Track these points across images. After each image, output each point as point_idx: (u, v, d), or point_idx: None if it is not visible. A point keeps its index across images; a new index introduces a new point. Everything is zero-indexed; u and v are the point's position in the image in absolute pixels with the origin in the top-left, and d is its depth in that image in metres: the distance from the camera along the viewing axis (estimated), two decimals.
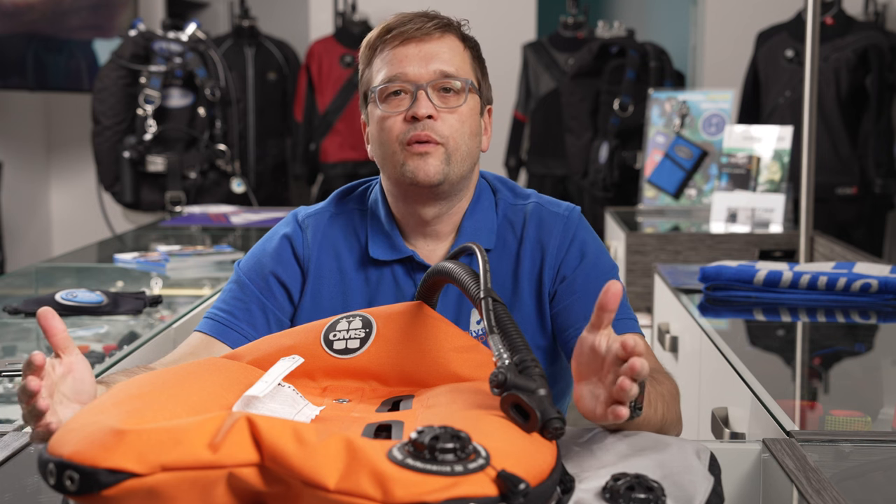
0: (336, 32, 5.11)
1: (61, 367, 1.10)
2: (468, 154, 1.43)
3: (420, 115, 1.38)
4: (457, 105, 1.41)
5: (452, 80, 1.41)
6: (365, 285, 1.47)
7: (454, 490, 0.83)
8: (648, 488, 0.96)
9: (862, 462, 1.23)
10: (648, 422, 1.19)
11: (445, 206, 1.46)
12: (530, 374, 1.00)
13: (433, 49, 1.41)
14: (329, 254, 1.48)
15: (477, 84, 1.45)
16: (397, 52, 1.41)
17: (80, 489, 0.86)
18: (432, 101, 1.40)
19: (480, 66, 1.48)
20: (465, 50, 1.44)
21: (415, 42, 1.41)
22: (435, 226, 1.47)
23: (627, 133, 4.40)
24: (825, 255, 2.92)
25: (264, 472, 0.86)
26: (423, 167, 1.39)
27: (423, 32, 1.41)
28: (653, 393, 1.21)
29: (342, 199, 1.53)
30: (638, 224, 3.61)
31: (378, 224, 1.48)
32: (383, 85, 1.41)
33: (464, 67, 1.43)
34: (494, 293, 1.12)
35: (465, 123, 1.42)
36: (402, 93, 1.41)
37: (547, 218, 1.47)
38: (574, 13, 4.91)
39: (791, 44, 4.28)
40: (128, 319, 2.03)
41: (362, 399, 1.22)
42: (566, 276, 1.44)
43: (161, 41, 4.20)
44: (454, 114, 1.41)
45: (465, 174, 1.44)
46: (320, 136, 5.02)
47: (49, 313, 1.10)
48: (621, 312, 1.41)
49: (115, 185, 4.26)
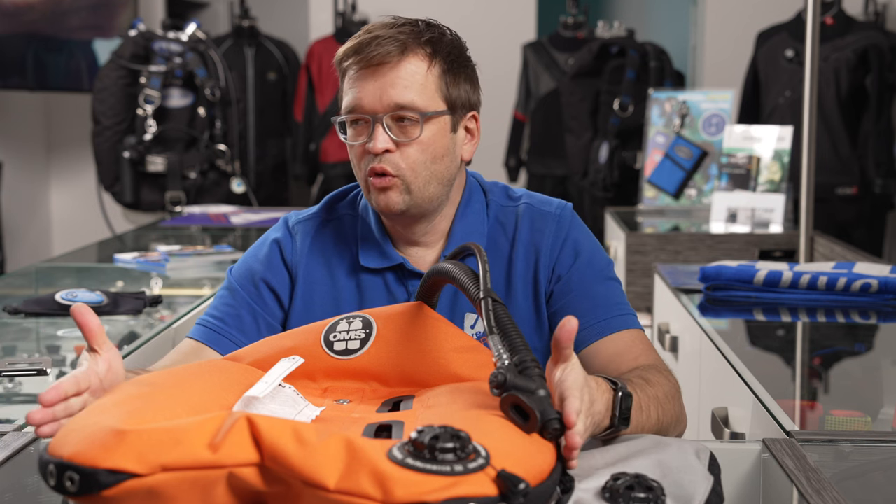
0: (336, 32, 5.11)
1: (103, 363, 1.12)
2: (432, 177, 1.40)
3: (375, 151, 1.36)
4: (415, 136, 1.37)
5: (407, 111, 1.36)
6: (357, 291, 1.46)
7: (454, 490, 0.83)
8: (648, 488, 0.96)
9: (862, 462, 1.23)
10: (641, 428, 1.19)
11: (426, 222, 1.45)
12: (530, 374, 1.00)
13: (390, 78, 1.36)
14: (319, 260, 1.48)
15: (445, 103, 1.40)
16: (357, 80, 1.38)
17: (80, 490, 0.86)
18: (389, 133, 1.37)
19: (453, 77, 1.41)
20: (429, 70, 1.38)
21: (372, 70, 1.36)
22: (422, 237, 1.47)
23: (627, 133, 4.40)
24: (825, 255, 2.92)
25: (264, 472, 0.86)
26: (385, 200, 1.39)
27: (380, 58, 1.35)
28: (644, 398, 1.21)
29: (333, 206, 1.53)
30: (638, 224, 3.61)
31: (369, 232, 1.47)
32: (344, 116, 1.40)
33: (424, 93, 1.37)
34: (494, 293, 1.12)
35: (425, 152, 1.38)
36: (363, 121, 1.39)
37: (538, 218, 1.46)
38: (574, 13, 4.91)
39: (791, 44, 4.28)
40: (128, 319, 2.03)
41: (363, 400, 1.22)
42: (561, 276, 1.43)
43: (161, 41, 4.20)
44: (412, 145, 1.37)
45: (434, 196, 1.41)
46: (320, 136, 5.02)
47: (83, 309, 1.12)
48: (618, 309, 1.41)
49: (115, 185, 4.26)
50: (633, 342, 1.39)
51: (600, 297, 1.42)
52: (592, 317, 1.39)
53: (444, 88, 1.40)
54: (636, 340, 1.40)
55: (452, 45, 1.41)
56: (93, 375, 1.09)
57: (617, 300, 1.43)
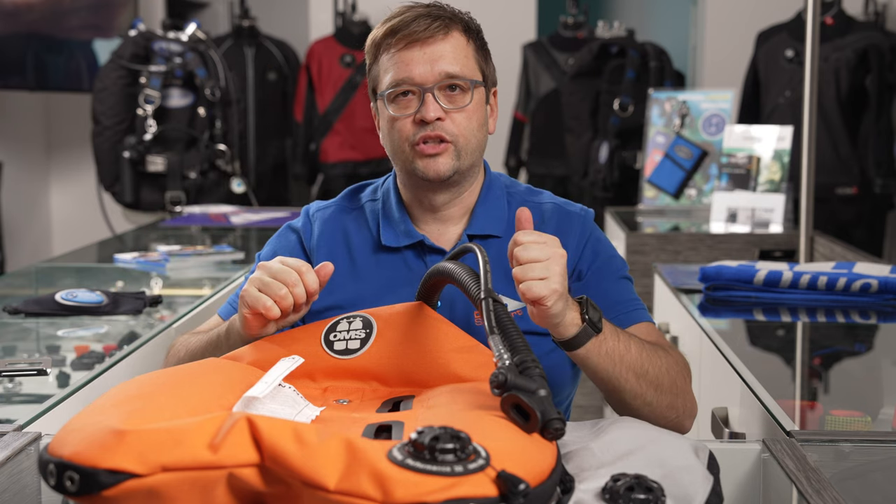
0: (336, 32, 5.11)
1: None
2: (478, 146, 1.49)
3: (429, 119, 1.43)
4: (464, 104, 1.45)
5: (458, 80, 1.44)
6: (376, 268, 1.50)
7: (454, 490, 0.83)
8: (648, 489, 0.96)
9: (862, 462, 1.23)
10: (619, 357, 1.28)
11: (455, 193, 1.51)
12: (530, 374, 1.00)
13: (438, 51, 1.43)
14: (338, 242, 1.53)
15: (482, 75, 1.49)
16: (403, 55, 1.44)
17: (80, 490, 0.86)
18: (439, 102, 1.43)
19: (484, 54, 1.50)
20: (468, 44, 1.47)
21: (419, 44, 1.43)
22: (445, 210, 1.51)
23: (627, 133, 4.40)
24: (825, 255, 2.92)
25: (264, 473, 0.86)
26: (434, 166, 1.44)
27: (428, 34, 1.43)
28: (625, 336, 1.31)
29: (355, 195, 1.60)
30: (638, 224, 3.61)
31: (389, 212, 1.53)
32: (391, 89, 1.45)
33: (469, 64, 1.46)
34: (495, 294, 1.12)
35: (472, 119, 1.46)
36: (410, 94, 1.44)
37: (565, 218, 1.53)
38: (574, 13, 4.91)
39: (791, 44, 4.28)
40: (128, 319, 2.02)
41: (363, 399, 1.22)
42: (582, 273, 1.50)
43: (161, 41, 4.20)
44: (462, 112, 1.45)
45: (473, 163, 1.50)
46: (320, 136, 5.02)
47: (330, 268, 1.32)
48: (633, 304, 1.49)
49: (115, 185, 4.26)
50: (649, 332, 1.46)
51: (617, 293, 1.49)
52: (611, 311, 1.44)
53: (481, 63, 1.49)
54: (651, 331, 1.47)
55: (477, 26, 1.51)
56: None
57: (632, 297, 1.51)
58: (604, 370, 1.28)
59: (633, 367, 1.30)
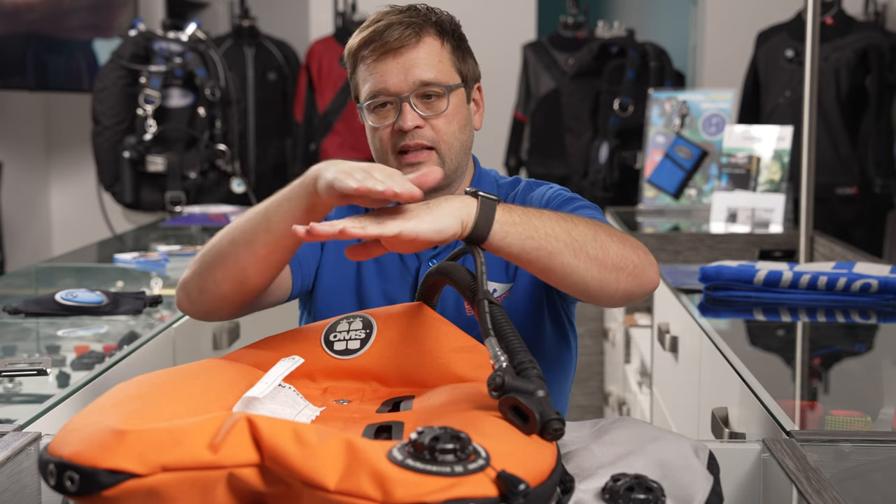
0: (336, 32, 5.11)
1: None
2: (461, 148, 1.49)
3: (407, 128, 1.44)
4: (441, 110, 1.46)
5: (433, 87, 1.45)
6: (374, 261, 1.52)
7: (454, 491, 0.83)
8: (648, 489, 0.96)
9: (862, 462, 1.23)
10: (545, 230, 1.20)
11: (446, 192, 1.51)
12: (528, 375, 1.00)
13: (411, 59, 1.44)
14: None
15: (460, 77, 1.49)
16: (378, 66, 1.45)
17: (80, 490, 0.86)
18: (417, 110, 1.45)
19: (462, 52, 1.50)
20: (442, 47, 1.47)
21: (392, 54, 1.44)
22: None
23: (627, 133, 4.40)
24: (825, 255, 2.92)
25: (264, 473, 0.86)
26: None
27: (399, 43, 1.44)
28: (554, 214, 1.24)
29: None
30: (638, 224, 3.61)
31: None
32: (369, 100, 1.46)
33: (443, 68, 1.46)
34: (491, 295, 1.12)
35: (452, 122, 1.47)
36: (388, 104, 1.46)
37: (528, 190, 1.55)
38: (574, 13, 4.91)
39: (791, 44, 4.28)
40: (128, 319, 2.02)
41: (363, 400, 1.22)
42: None
43: (161, 41, 4.20)
44: (441, 118, 1.45)
45: (459, 165, 1.51)
46: (320, 137, 5.02)
47: None
48: (588, 213, 1.44)
49: (115, 185, 4.26)
50: None
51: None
52: None
53: (457, 63, 1.49)
54: None
55: (453, 24, 1.51)
56: None
57: (579, 201, 1.50)
58: (530, 238, 1.20)
59: (559, 222, 1.23)
